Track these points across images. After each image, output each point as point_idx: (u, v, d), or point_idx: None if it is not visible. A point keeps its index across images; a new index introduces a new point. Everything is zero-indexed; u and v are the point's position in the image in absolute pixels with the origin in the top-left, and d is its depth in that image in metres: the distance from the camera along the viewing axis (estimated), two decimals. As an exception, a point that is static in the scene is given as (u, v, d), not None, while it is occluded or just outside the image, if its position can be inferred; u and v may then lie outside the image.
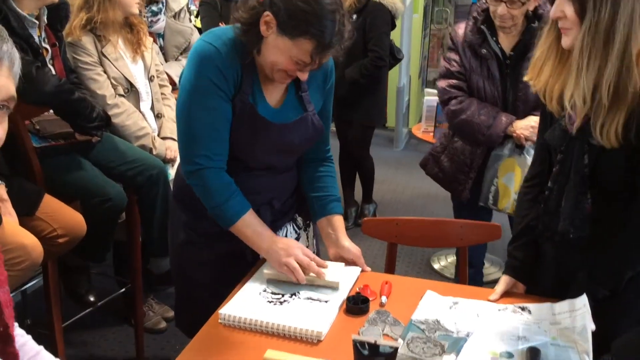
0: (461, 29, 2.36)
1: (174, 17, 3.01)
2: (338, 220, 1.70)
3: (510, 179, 2.35)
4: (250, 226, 1.56)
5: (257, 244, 1.57)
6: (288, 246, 1.55)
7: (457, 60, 2.36)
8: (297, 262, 1.52)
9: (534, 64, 1.44)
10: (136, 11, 2.54)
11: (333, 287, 1.53)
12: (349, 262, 1.66)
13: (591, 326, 1.30)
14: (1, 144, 0.97)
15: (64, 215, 2.06)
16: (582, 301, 1.35)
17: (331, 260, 1.67)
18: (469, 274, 2.61)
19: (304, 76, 1.49)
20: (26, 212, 1.96)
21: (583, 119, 1.33)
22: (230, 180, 1.56)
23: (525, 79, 1.49)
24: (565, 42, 1.33)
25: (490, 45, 2.27)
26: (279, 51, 1.43)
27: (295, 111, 1.60)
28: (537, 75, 1.42)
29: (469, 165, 2.43)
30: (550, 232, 1.46)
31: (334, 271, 1.61)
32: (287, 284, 1.55)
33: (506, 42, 2.29)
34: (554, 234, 1.44)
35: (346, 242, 1.68)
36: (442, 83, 2.43)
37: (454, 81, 2.38)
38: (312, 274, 1.54)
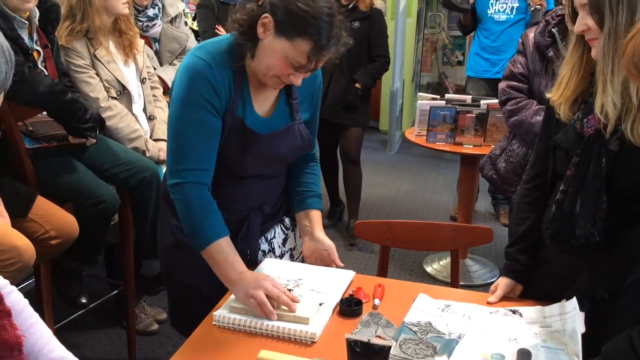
0: (532, 32, 2.40)
1: (171, 22, 3.01)
2: (315, 215, 1.71)
3: None
4: (224, 253, 1.49)
5: (226, 273, 1.48)
6: (257, 278, 1.45)
7: (522, 63, 2.39)
8: (267, 294, 1.41)
9: (560, 81, 1.44)
10: (125, 11, 2.47)
11: (303, 322, 1.39)
12: (323, 254, 1.67)
13: (581, 329, 1.31)
14: None
15: (56, 217, 2.06)
16: (572, 304, 1.37)
17: (308, 252, 1.68)
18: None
19: (297, 81, 1.49)
20: (19, 214, 1.95)
21: (615, 122, 1.32)
22: (212, 200, 1.52)
23: (549, 95, 1.48)
24: (594, 53, 1.34)
25: (558, 49, 2.28)
26: (275, 53, 1.44)
27: (283, 120, 1.61)
28: (562, 94, 1.42)
29: (523, 167, 2.40)
30: (564, 235, 1.43)
31: (324, 277, 1.62)
32: (255, 314, 1.43)
33: None
34: (570, 238, 1.41)
35: (321, 234, 1.69)
36: (502, 84, 2.46)
37: (514, 83, 2.41)
38: (283, 308, 1.42)
